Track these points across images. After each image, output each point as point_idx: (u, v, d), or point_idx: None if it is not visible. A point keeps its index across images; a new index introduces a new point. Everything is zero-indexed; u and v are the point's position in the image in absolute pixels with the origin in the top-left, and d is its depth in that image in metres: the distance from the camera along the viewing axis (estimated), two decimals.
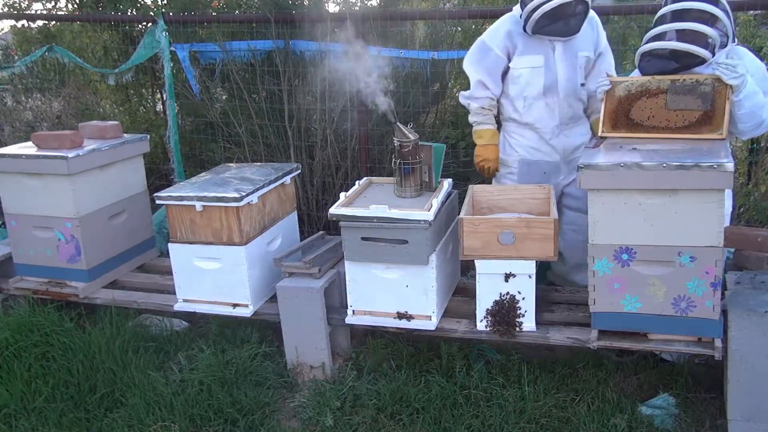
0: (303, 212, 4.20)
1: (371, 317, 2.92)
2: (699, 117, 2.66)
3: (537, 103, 3.13)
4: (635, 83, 2.79)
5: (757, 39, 3.82)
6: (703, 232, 2.38)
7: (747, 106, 2.59)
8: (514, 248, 2.65)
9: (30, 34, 5.44)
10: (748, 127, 2.65)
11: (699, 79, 2.65)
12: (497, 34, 3.11)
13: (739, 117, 2.62)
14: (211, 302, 3.16)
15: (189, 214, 3.04)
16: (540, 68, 3.07)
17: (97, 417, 2.80)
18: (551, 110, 3.13)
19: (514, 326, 2.75)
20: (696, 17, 2.58)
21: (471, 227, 2.67)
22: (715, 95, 2.62)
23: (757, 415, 2.42)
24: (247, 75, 4.36)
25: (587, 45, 3.10)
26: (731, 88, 2.57)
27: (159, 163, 4.91)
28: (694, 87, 2.66)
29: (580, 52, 3.09)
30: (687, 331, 2.51)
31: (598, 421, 2.56)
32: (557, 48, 3.06)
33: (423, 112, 4.15)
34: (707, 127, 2.64)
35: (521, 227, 2.62)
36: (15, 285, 3.57)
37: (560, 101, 3.12)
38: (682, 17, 2.61)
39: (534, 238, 2.62)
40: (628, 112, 2.81)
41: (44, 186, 3.35)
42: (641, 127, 2.77)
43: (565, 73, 3.09)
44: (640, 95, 2.78)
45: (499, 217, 2.71)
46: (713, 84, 2.62)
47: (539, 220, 2.63)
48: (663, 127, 2.73)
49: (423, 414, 2.67)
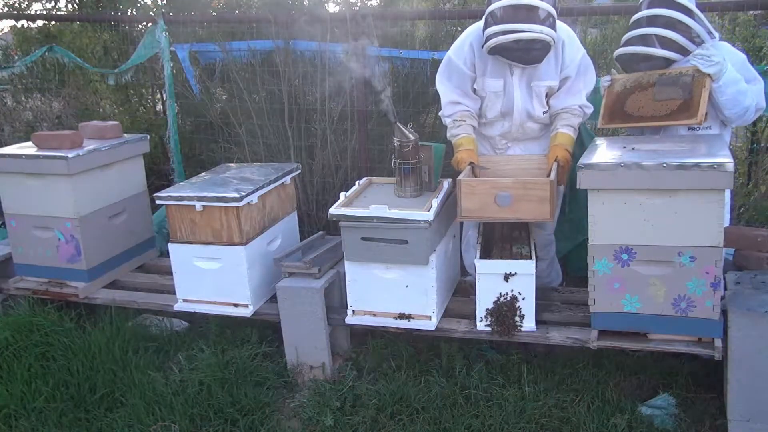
0: (303, 212, 4.20)
1: (371, 317, 2.92)
2: (679, 105, 2.82)
3: (495, 123, 3.12)
4: (630, 79, 2.99)
5: (757, 39, 3.82)
6: (703, 232, 2.38)
7: (729, 93, 2.73)
8: (510, 209, 2.65)
9: (30, 34, 5.44)
10: (733, 113, 2.79)
11: (681, 71, 2.84)
12: (462, 49, 3.02)
13: (723, 103, 2.77)
14: (211, 302, 3.16)
15: (189, 214, 3.04)
16: (499, 92, 3.00)
17: (97, 417, 2.80)
18: (507, 131, 3.12)
19: (514, 326, 2.75)
20: (664, 23, 2.77)
21: (468, 189, 2.68)
22: (693, 84, 2.78)
23: (757, 415, 2.41)
24: (247, 75, 4.36)
25: (550, 74, 2.95)
26: (710, 76, 2.72)
27: (159, 163, 4.91)
28: (677, 78, 2.84)
29: (541, 82, 2.95)
30: (687, 331, 2.51)
31: (598, 421, 2.56)
32: (515, 73, 2.95)
33: (423, 112, 4.14)
34: (686, 113, 2.79)
35: (517, 188, 2.62)
36: (15, 285, 3.57)
37: (515, 125, 3.08)
38: (653, 23, 2.80)
39: (530, 200, 2.62)
40: (623, 105, 2.97)
41: (44, 186, 3.35)
42: (632, 118, 2.94)
43: (521, 102, 2.99)
44: (634, 89, 2.96)
45: (496, 179, 2.72)
46: (693, 74, 2.79)
47: (535, 182, 2.63)
48: (649, 116, 2.90)
49: (423, 414, 2.67)
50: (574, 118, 2.99)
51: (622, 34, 3.01)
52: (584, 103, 3.00)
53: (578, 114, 3.00)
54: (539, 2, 2.68)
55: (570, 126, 2.97)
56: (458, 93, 3.08)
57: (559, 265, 3.51)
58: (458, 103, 3.08)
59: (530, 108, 3.01)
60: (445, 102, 3.12)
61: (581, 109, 3.00)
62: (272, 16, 4.10)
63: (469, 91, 3.07)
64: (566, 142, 2.95)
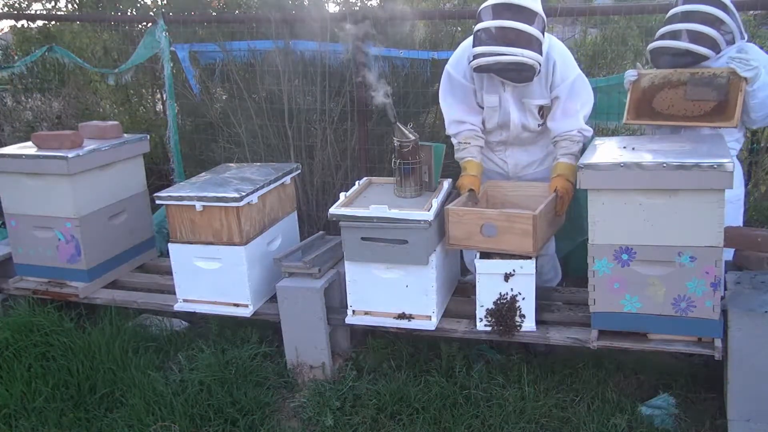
0: (303, 212, 4.20)
1: (371, 317, 2.92)
2: (714, 107, 2.82)
3: (493, 132, 3.14)
4: (658, 75, 2.97)
5: (757, 39, 3.82)
6: (703, 232, 2.38)
7: (760, 97, 2.76)
8: (495, 240, 2.69)
9: (30, 34, 5.44)
10: (760, 116, 2.83)
11: (716, 72, 2.83)
12: (460, 63, 3.02)
13: (752, 107, 2.79)
14: (211, 302, 3.16)
15: (189, 214, 3.04)
16: (495, 107, 3.02)
17: (97, 417, 2.80)
18: (505, 139, 3.13)
19: (514, 326, 2.75)
20: (701, 19, 2.77)
21: (456, 218, 2.74)
22: (729, 87, 2.79)
23: (757, 415, 2.41)
24: (247, 75, 4.36)
25: (541, 92, 2.96)
26: (745, 80, 2.74)
27: (159, 163, 4.91)
28: (711, 79, 2.84)
29: (531, 100, 2.97)
30: (687, 331, 2.51)
31: (598, 421, 2.56)
32: (507, 88, 2.96)
33: (423, 112, 4.14)
34: (720, 116, 2.81)
35: (502, 220, 2.67)
36: (15, 285, 3.57)
37: (512, 135, 3.10)
38: (688, 18, 2.80)
39: (514, 232, 2.65)
40: (650, 102, 2.98)
41: (44, 186, 3.35)
42: (661, 116, 2.96)
43: (517, 117, 3.02)
44: (662, 86, 2.96)
45: (483, 210, 2.77)
46: (729, 77, 2.80)
47: (519, 215, 2.65)
48: (681, 116, 2.91)
49: (423, 414, 2.67)
50: (574, 146, 2.97)
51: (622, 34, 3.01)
52: (583, 127, 2.98)
53: (578, 140, 2.98)
54: (525, 26, 2.69)
55: (571, 155, 2.96)
56: (461, 109, 3.08)
57: (558, 263, 3.51)
58: (462, 122, 3.09)
59: (525, 121, 3.04)
60: (449, 121, 3.13)
61: (581, 133, 2.98)
62: (272, 16, 4.10)
63: (473, 104, 3.07)
64: (567, 172, 2.94)
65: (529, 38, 2.71)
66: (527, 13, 2.72)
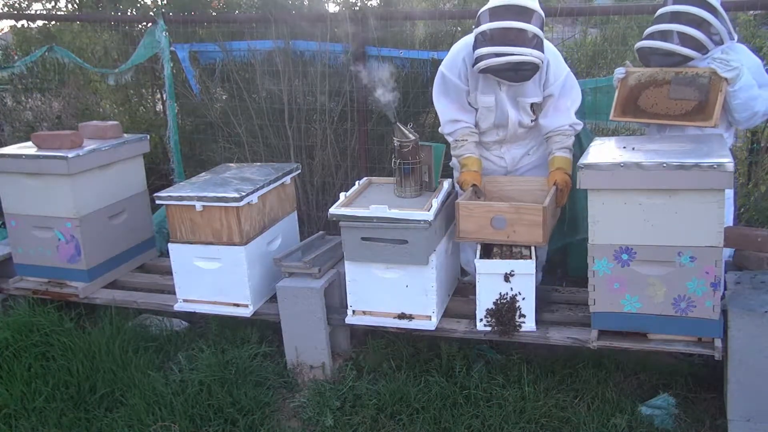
0: (303, 212, 4.20)
1: (371, 317, 2.93)
2: (694, 106, 2.86)
3: (488, 132, 3.17)
4: (645, 74, 3.01)
5: (757, 39, 3.82)
6: (703, 232, 2.38)
7: (741, 97, 2.78)
8: (505, 232, 2.76)
9: (30, 34, 5.44)
10: (743, 116, 2.84)
11: (698, 72, 2.87)
12: (455, 63, 3.05)
13: (734, 107, 2.81)
14: (211, 302, 3.16)
15: (189, 214, 3.04)
16: (491, 107, 3.06)
17: (97, 417, 2.80)
18: (501, 138, 3.18)
19: (514, 326, 2.75)
20: (688, 20, 2.79)
21: (466, 212, 2.79)
22: (710, 87, 2.83)
23: (757, 415, 2.41)
24: (247, 75, 4.36)
25: (535, 91, 3.02)
26: (726, 80, 2.76)
27: (159, 163, 4.91)
28: (693, 79, 2.87)
29: (526, 98, 3.03)
30: (687, 331, 2.51)
31: (598, 421, 2.56)
32: (503, 87, 3.01)
33: (423, 112, 4.15)
34: (700, 115, 2.84)
35: (512, 213, 2.73)
36: (15, 285, 3.57)
37: (509, 134, 3.15)
38: (676, 19, 2.81)
39: (523, 224, 2.71)
40: (636, 100, 3.02)
41: (44, 186, 3.35)
42: (645, 114, 2.99)
43: (514, 116, 3.07)
44: (648, 84, 3.00)
45: (492, 203, 2.83)
46: (710, 77, 2.82)
47: (529, 207, 2.72)
48: (663, 114, 2.95)
49: (423, 414, 2.67)
50: (568, 139, 3.06)
51: (622, 34, 3.02)
52: (574, 122, 3.07)
53: (570, 133, 3.07)
54: (528, 25, 2.75)
55: (566, 148, 3.06)
56: (456, 108, 3.12)
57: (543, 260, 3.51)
58: (457, 121, 3.13)
59: (521, 119, 3.10)
60: (444, 120, 3.17)
61: (572, 127, 3.07)
62: (272, 16, 4.10)
63: (465, 104, 3.12)
64: (564, 165, 3.03)
65: (532, 37, 2.77)
66: (528, 12, 2.77)
